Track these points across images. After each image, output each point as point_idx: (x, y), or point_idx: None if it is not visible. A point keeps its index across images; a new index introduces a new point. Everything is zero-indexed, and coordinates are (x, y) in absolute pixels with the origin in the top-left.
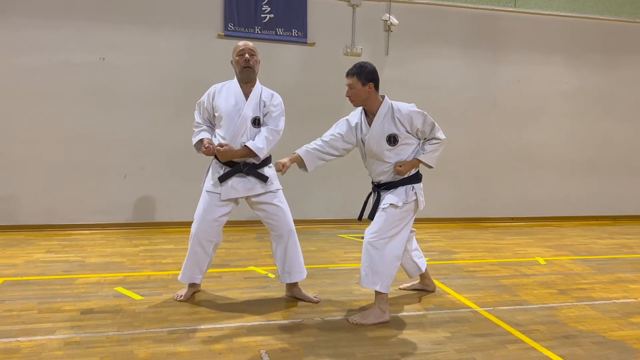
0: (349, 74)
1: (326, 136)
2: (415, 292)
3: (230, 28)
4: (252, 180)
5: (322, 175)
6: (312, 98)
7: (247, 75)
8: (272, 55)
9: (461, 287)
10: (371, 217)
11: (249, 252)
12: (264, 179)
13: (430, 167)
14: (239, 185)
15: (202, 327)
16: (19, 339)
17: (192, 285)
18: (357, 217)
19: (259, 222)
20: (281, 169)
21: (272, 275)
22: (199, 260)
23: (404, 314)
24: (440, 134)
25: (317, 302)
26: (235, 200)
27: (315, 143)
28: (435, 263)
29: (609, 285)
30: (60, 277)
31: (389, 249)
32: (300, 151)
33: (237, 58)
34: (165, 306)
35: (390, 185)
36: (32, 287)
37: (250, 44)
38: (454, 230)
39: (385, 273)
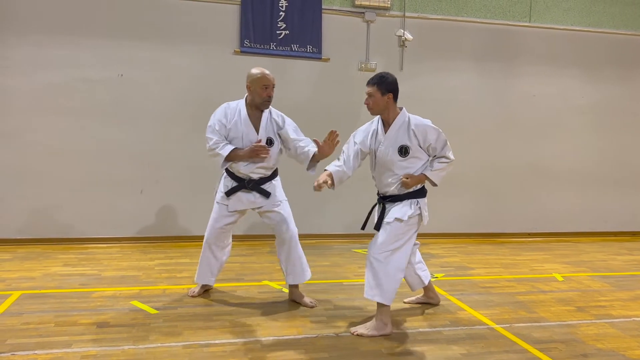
0: (370, 83)
1: (344, 156)
2: (420, 305)
3: (246, 44)
4: (255, 195)
5: (335, 189)
6: (327, 113)
7: (266, 107)
8: (287, 70)
9: (477, 303)
10: (377, 228)
11: (263, 267)
12: (266, 194)
13: (434, 184)
14: (244, 198)
15: (216, 341)
16: (36, 352)
17: (204, 284)
18: (370, 231)
19: (272, 237)
20: (321, 188)
21: (286, 290)
22: (210, 265)
23: (420, 330)
24: (450, 154)
25: (312, 307)
26: (242, 212)
27: (336, 164)
28: (451, 279)
29: (629, 303)
30: (77, 291)
31: (392, 262)
32: (330, 168)
33: (259, 90)
34: (180, 320)
35: (395, 198)
36: (49, 300)
37: (271, 75)
38: (470, 245)
39: (388, 286)
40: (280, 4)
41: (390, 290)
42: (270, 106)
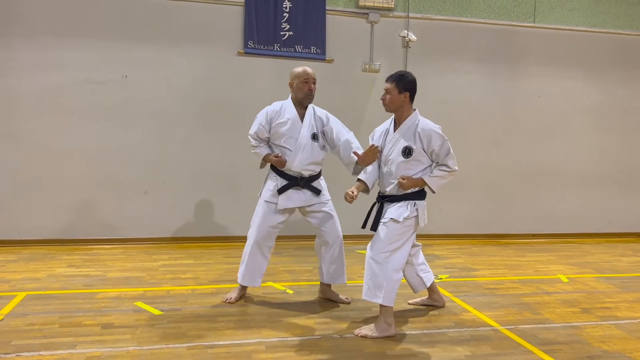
0: (389, 79)
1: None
2: (423, 307)
3: (250, 45)
4: (306, 192)
5: (341, 190)
6: (331, 114)
7: (308, 101)
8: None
9: (482, 304)
10: (373, 228)
11: (267, 268)
12: (317, 192)
13: (432, 191)
14: (295, 196)
15: (220, 342)
16: (40, 353)
17: (242, 289)
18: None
19: (277, 238)
20: (352, 197)
21: (290, 292)
22: (259, 265)
23: (424, 331)
24: (452, 163)
25: (348, 303)
26: (291, 210)
27: (366, 169)
28: (455, 280)
29: (634, 304)
30: (81, 292)
31: (390, 263)
32: (361, 176)
33: (300, 85)
34: (184, 321)
35: (393, 199)
36: (53, 301)
37: (312, 71)
38: (474, 246)
39: (388, 286)
40: (284, 5)
41: (390, 291)
42: (312, 102)
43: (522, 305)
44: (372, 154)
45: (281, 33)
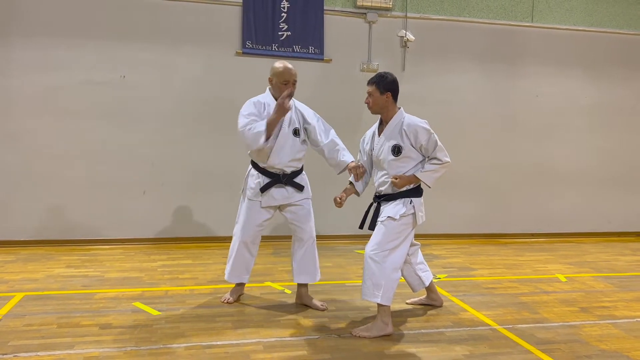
0: (370, 82)
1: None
2: (422, 306)
3: (248, 46)
4: (289, 190)
5: (338, 190)
6: (329, 114)
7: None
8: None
9: (480, 304)
10: (371, 227)
11: (266, 268)
12: (300, 188)
13: (428, 186)
14: (278, 194)
15: (219, 343)
16: (38, 353)
17: (238, 288)
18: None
19: (275, 238)
20: (339, 204)
21: (288, 291)
22: (245, 262)
23: (422, 331)
24: (442, 156)
25: (323, 310)
26: (275, 207)
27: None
28: (454, 279)
29: (632, 303)
30: (79, 292)
31: (389, 262)
32: (352, 179)
33: (280, 86)
34: (182, 322)
35: (389, 198)
36: (51, 302)
37: (294, 70)
38: (473, 246)
39: (386, 285)
40: (282, 5)
41: (389, 290)
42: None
43: (520, 305)
44: (359, 170)
45: (279, 33)
